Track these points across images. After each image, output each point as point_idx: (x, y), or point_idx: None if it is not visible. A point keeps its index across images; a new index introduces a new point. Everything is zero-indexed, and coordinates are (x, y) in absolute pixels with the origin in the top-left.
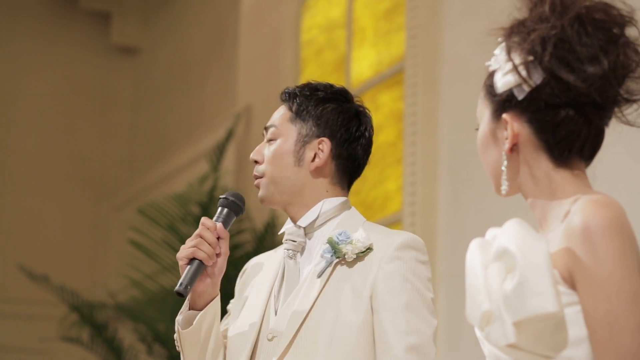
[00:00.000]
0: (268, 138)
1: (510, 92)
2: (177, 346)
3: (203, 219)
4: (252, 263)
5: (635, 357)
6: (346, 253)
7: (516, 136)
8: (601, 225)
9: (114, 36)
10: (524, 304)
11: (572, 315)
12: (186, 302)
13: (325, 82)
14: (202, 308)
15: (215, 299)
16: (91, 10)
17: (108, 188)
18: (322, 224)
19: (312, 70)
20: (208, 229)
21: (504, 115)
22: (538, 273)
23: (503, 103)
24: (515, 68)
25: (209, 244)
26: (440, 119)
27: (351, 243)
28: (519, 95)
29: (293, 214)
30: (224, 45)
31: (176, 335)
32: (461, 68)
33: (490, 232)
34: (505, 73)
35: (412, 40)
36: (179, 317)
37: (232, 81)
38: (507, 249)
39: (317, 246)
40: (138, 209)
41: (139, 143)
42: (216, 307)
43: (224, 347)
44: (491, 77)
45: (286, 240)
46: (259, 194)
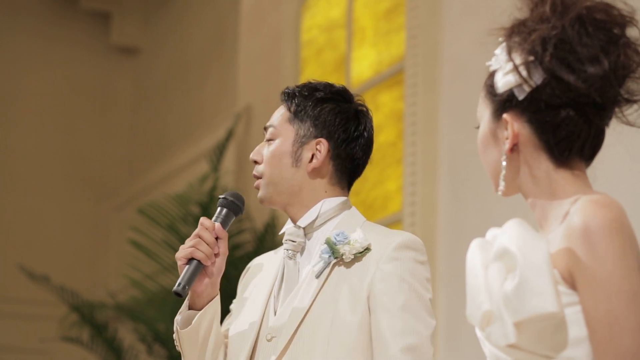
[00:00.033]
0: (267, 138)
1: (510, 92)
2: (177, 346)
3: (202, 219)
4: (255, 263)
5: (635, 357)
6: (344, 253)
7: (516, 136)
8: (601, 225)
9: (114, 36)
10: (524, 304)
11: (573, 315)
12: (185, 302)
13: (325, 82)
14: (202, 308)
15: (214, 299)
16: (91, 10)
17: (108, 188)
18: (322, 224)
19: (312, 70)
20: (207, 229)
21: (505, 115)
22: (538, 273)
23: (503, 103)
24: (515, 68)
25: (208, 244)
26: (440, 119)
27: (349, 243)
28: (520, 95)
29: (293, 215)
30: (224, 45)
31: (175, 335)
32: (461, 68)
33: (490, 232)
34: (505, 73)
35: (412, 40)
36: (178, 317)
37: (232, 81)
38: (508, 249)
39: (317, 246)
40: (138, 209)
41: (139, 143)
42: (215, 307)
43: (225, 347)
44: (492, 77)
45: (286, 240)
46: (259, 195)
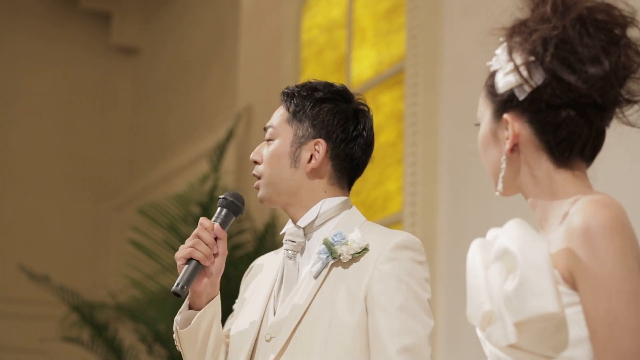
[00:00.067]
0: (266, 138)
1: (511, 93)
2: (177, 346)
3: (201, 219)
4: (257, 263)
5: (635, 357)
6: (341, 254)
7: (517, 136)
8: (602, 225)
9: (114, 36)
10: (525, 305)
11: (573, 315)
12: (186, 302)
13: (325, 82)
14: (202, 308)
15: (214, 299)
16: (91, 10)
17: (108, 188)
18: (322, 224)
19: (313, 70)
20: (206, 229)
21: (505, 115)
22: (539, 273)
23: (504, 103)
24: (516, 68)
25: (206, 244)
26: (440, 119)
27: (346, 244)
28: (520, 95)
29: (292, 215)
30: (224, 45)
31: (175, 335)
32: (462, 68)
33: (491, 233)
34: (506, 73)
35: (413, 40)
36: (178, 317)
37: (233, 81)
38: (508, 249)
39: (316, 246)
40: (138, 209)
41: (139, 143)
42: (216, 307)
43: (226, 347)
44: (492, 77)
45: (286, 240)
46: (258, 195)
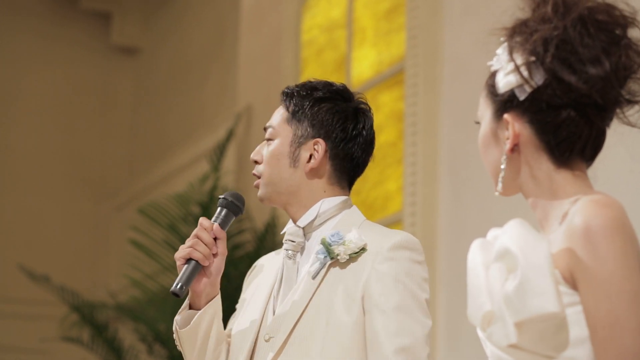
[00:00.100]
0: (266, 138)
1: (511, 93)
2: (178, 345)
3: (201, 219)
4: (259, 263)
5: (636, 357)
6: (339, 254)
7: (517, 136)
8: (602, 225)
9: (114, 36)
10: (525, 305)
11: (574, 315)
12: (186, 302)
13: (325, 81)
14: (202, 307)
15: (214, 299)
16: (91, 10)
17: (108, 188)
18: (321, 224)
19: (313, 70)
20: (205, 230)
21: (506, 115)
22: (539, 273)
23: (504, 103)
24: (517, 68)
25: (206, 245)
26: (440, 119)
27: (344, 244)
28: (521, 95)
29: (292, 214)
30: (224, 45)
31: (175, 335)
32: (462, 68)
33: (491, 233)
34: (507, 73)
35: (413, 40)
36: (178, 317)
37: (233, 81)
38: (509, 250)
39: (316, 246)
40: (138, 209)
41: (139, 143)
42: (216, 307)
43: (228, 346)
44: (493, 77)
45: (286, 240)
46: (258, 194)
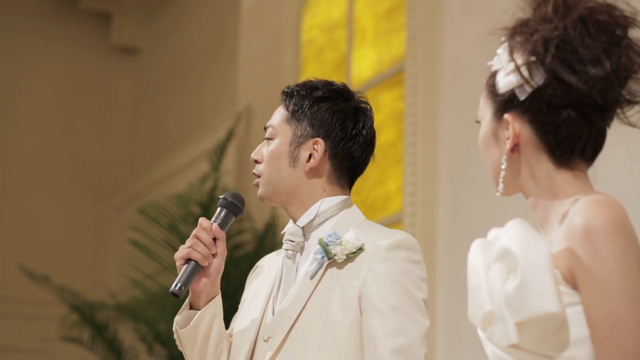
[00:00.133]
0: (266, 137)
1: (512, 93)
2: (178, 345)
3: (200, 220)
4: (261, 263)
5: (636, 357)
6: (336, 254)
7: (517, 136)
8: (603, 225)
9: (114, 36)
10: (526, 305)
11: (574, 315)
12: (186, 302)
13: (325, 80)
14: (202, 307)
15: (215, 299)
16: (91, 10)
17: (108, 188)
18: (320, 224)
19: (313, 70)
20: (204, 230)
21: (506, 115)
22: (539, 273)
23: (505, 103)
24: (517, 68)
25: (205, 245)
26: (440, 119)
27: (341, 244)
28: (521, 95)
29: (292, 214)
30: (224, 45)
31: (175, 335)
32: (462, 68)
33: (491, 233)
34: (507, 73)
35: (413, 40)
36: (178, 317)
37: (233, 81)
38: (509, 250)
39: (315, 246)
40: (138, 209)
41: (139, 143)
42: (216, 307)
43: (230, 345)
44: (493, 77)
45: (285, 240)
46: (258, 193)
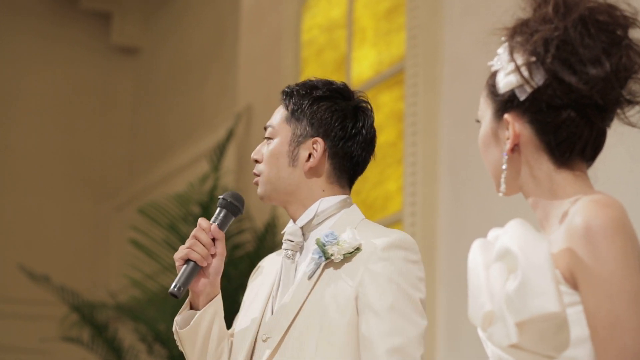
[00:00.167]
0: (266, 137)
1: (512, 93)
2: (179, 346)
3: (199, 220)
4: (262, 263)
5: (636, 357)
6: (332, 254)
7: (517, 137)
8: (603, 225)
9: (114, 36)
10: (526, 305)
11: (574, 315)
12: (186, 302)
13: (325, 80)
14: (202, 308)
15: (215, 299)
16: (91, 10)
17: (108, 188)
18: (319, 223)
19: (313, 70)
20: (203, 230)
21: (506, 115)
22: (540, 273)
23: (505, 103)
24: (517, 69)
25: (203, 245)
26: (440, 119)
27: (337, 244)
28: (521, 96)
29: (292, 213)
30: (224, 45)
31: (175, 335)
32: (462, 68)
33: (492, 233)
34: (507, 73)
35: (413, 40)
36: (178, 317)
37: (233, 81)
38: (509, 250)
39: (313, 246)
40: (138, 209)
41: (139, 143)
42: (216, 307)
43: (231, 345)
44: (494, 77)
45: (285, 240)
46: (258, 192)
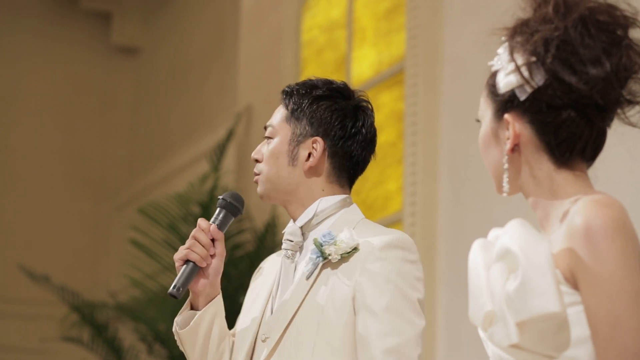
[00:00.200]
0: (265, 136)
1: (512, 93)
2: (180, 346)
3: (199, 221)
4: (264, 263)
5: (636, 357)
6: (330, 254)
7: (518, 137)
8: (603, 225)
9: (115, 36)
10: (527, 305)
11: (575, 315)
12: (187, 303)
13: (325, 79)
14: (202, 308)
15: (215, 299)
16: (91, 10)
17: (108, 188)
18: (319, 223)
19: (313, 70)
20: (202, 231)
21: (506, 115)
22: (540, 273)
23: (505, 103)
24: (517, 69)
25: (203, 246)
26: (440, 119)
27: (335, 244)
28: (521, 96)
29: (292, 213)
30: (224, 45)
31: (176, 335)
32: (462, 68)
33: (492, 233)
34: (507, 73)
35: (413, 40)
36: (178, 318)
37: (233, 81)
38: (509, 250)
39: (312, 246)
40: (139, 209)
41: (139, 143)
42: (216, 307)
43: (232, 345)
44: (494, 77)
45: (285, 239)
46: (258, 191)
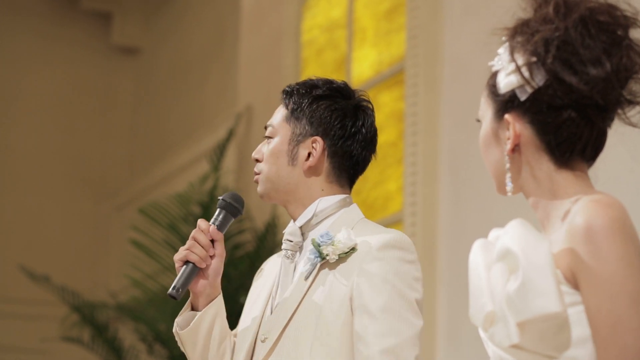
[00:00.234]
0: (266, 136)
1: (512, 93)
2: (180, 346)
3: (199, 221)
4: (265, 264)
5: (637, 357)
6: (327, 254)
7: (518, 137)
8: (604, 225)
9: (115, 36)
10: (527, 305)
11: (575, 315)
12: (187, 303)
13: (325, 78)
14: (202, 308)
15: (216, 300)
16: (92, 10)
17: (108, 188)
18: (318, 223)
19: (313, 70)
20: (202, 232)
21: (506, 115)
22: (541, 273)
23: (505, 103)
24: (518, 69)
25: (202, 247)
26: (440, 119)
27: (332, 244)
28: (522, 96)
29: (292, 212)
30: (225, 45)
31: (176, 336)
32: (462, 68)
33: (492, 233)
34: (508, 73)
35: (413, 40)
36: (179, 318)
37: (233, 81)
38: (510, 250)
39: (310, 246)
40: (139, 209)
41: (140, 143)
42: (217, 307)
43: (233, 345)
44: (494, 77)
45: (284, 239)
46: (258, 190)
